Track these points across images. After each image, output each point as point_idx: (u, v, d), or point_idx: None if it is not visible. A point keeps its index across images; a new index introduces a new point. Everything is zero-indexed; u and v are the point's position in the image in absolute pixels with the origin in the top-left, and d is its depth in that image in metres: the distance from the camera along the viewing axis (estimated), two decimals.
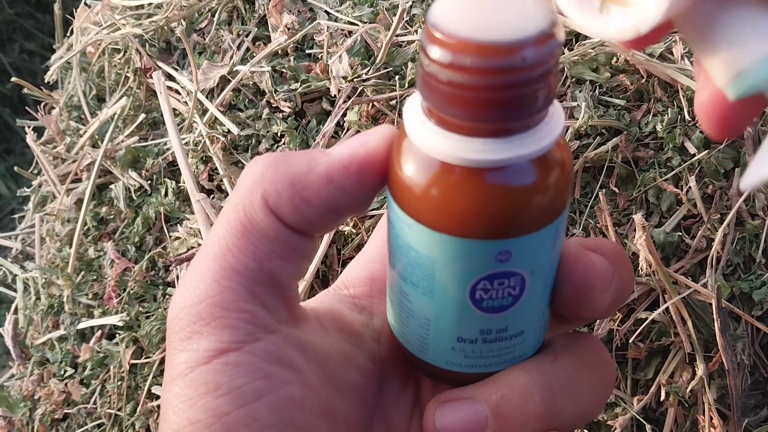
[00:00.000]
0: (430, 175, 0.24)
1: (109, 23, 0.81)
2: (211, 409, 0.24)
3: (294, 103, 0.64)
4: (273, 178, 0.26)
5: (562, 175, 0.25)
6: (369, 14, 0.67)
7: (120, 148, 0.74)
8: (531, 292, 0.26)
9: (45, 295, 0.76)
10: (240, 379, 0.25)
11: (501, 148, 0.23)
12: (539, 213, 0.25)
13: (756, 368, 0.56)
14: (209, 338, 0.25)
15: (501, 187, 0.24)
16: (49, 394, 0.70)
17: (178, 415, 0.25)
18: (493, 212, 0.24)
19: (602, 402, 0.29)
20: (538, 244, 0.25)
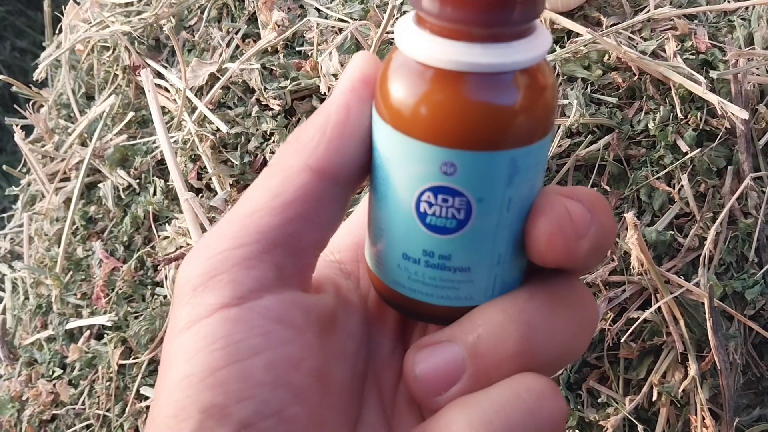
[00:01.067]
0: (400, 72, 0.25)
1: (98, 21, 0.80)
2: (207, 362, 0.24)
3: (284, 101, 0.64)
4: (306, 136, 0.27)
5: (530, 102, 0.24)
6: (359, 11, 0.66)
7: (109, 147, 0.73)
8: (479, 225, 0.26)
9: (33, 295, 0.76)
10: (238, 335, 0.25)
11: (470, 52, 0.23)
12: (491, 131, 0.24)
13: (748, 368, 0.55)
14: (213, 293, 0.25)
15: (459, 92, 0.24)
16: (37, 395, 0.69)
17: (174, 370, 0.25)
18: (441, 114, 0.24)
19: (583, 340, 0.28)
20: (487, 168, 0.24)
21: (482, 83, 0.24)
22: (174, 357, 0.25)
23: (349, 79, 0.27)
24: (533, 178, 0.26)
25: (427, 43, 0.24)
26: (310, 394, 0.26)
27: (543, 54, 0.24)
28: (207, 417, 0.24)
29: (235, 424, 0.24)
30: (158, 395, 0.26)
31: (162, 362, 0.26)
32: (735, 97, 0.56)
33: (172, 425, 0.24)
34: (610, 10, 0.62)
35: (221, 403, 0.24)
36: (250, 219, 0.26)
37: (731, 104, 0.54)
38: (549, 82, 0.25)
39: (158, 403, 0.25)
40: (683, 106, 0.56)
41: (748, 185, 0.54)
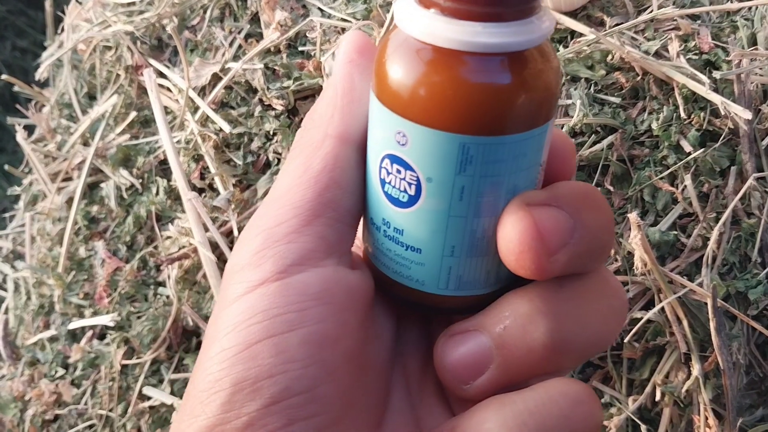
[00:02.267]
0: (388, 43, 0.25)
1: (101, 20, 0.80)
2: (243, 336, 0.25)
3: (287, 101, 0.63)
4: (320, 112, 0.28)
5: (489, 92, 0.23)
6: (362, 11, 0.66)
7: (111, 147, 0.73)
8: (429, 207, 0.25)
9: (36, 295, 0.76)
10: (275, 309, 0.25)
11: (439, 26, 0.23)
12: (439, 108, 0.24)
13: (751, 368, 0.55)
14: (256, 269, 0.26)
15: (420, 60, 0.24)
16: (39, 395, 0.69)
17: (214, 344, 0.25)
18: (399, 83, 0.24)
19: (613, 330, 0.27)
20: (435, 147, 0.24)
21: (447, 58, 0.23)
22: (214, 333, 0.25)
23: (345, 53, 0.28)
24: (500, 176, 0.25)
25: (412, 13, 0.24)
26: (343, 374, 0.26)
27: (522, 41, 0.23)
28: (237, 390, 0.24)
29: (264, 399, 0.24)
30: (195, 371, 0.26)
31: (203, 343, 0.26)
32: (738, 98, 0.56)
33: (203, 399, 0.24)
34: (614, 10, 0.62)
35: (253, 377, 0.24)
36: (285, 197, 0.27)
37: (734, 104, 0.54)
38: (526, 77, 0.24)
39: (194, 378, 0.26)
40: (686, 106, 0.56)
41: (751, 185, 0.54)
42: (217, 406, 0.24)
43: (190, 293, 0.63)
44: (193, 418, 0.24)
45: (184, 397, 0.26)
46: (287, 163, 0.28)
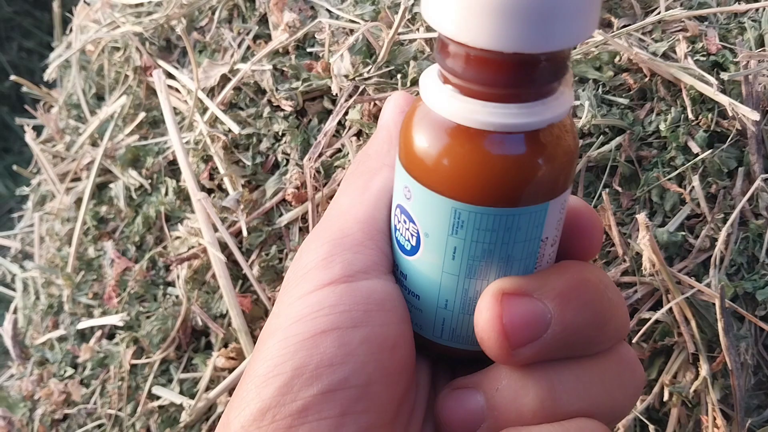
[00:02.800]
0: (414, 107, 0.27)
1: (109, 21, 0.81)
2: (308, 326, 0.26)
3: (295, 102, 0.64)
4: (375, 149, 0.32)
5: (472, 165, 0.24)
6: (371, 12, 0.66)
7: (120, 147, 0.73)
8: (426, 260, 0.27)
9: (44, 295, 0.76)
10: (342, 306, 0.26)
11: (454, 104, 0.24)
12: (431, 172, 0.25)
13: (759, 368, 0.55)
14: (325, 271, 0.27)
15: (426, 127, 0.25)
16: (48, 394, 0.69)
17: (277, 333, 0.26)
18: (409, 141, 0.26)
19: (622, 404, 0.27)
20: (431, 206, 0.25)
21: (447, 129, 0.25)
22: (276, 326, 0.26)
23: (396, 104, 0.32)
24: (491, 244, 0.25)
25: (433, 87, 0.25)
26: (396, 380, 0.27)
27: (523, 123, 0.24)
28: (297, 375, 0.25)
29: (322, 385, 0.25)
30: (253, 360, 0.26)
31: (260, 338, 0.27)
32: (746, 99, 0.56)
33: (259, 383, 0.25)
34: (621, 11, 0.62)
35: (315, 364, 0.25)
36: (349, 213, 0.29)
37: (742, 105, 0.54)
38: (523, 157, 0.24)
39: (251, 367, 0.26)
40: (694, 107, 0.56)
41: (759, 186, 0.55)
42: (274, 389, 0.25)
43: (199, 293, 0.63)
44: (247, 402, 0.25)
45: (237, 388, 0.27)
46: (345, 186, 0.30)
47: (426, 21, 0.24)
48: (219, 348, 0.61)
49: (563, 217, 0.27)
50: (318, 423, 0.24)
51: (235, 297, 0.59)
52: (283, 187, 0.62)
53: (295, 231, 0.62)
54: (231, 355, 0.60)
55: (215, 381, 0.60)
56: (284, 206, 0.62)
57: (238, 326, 0.59)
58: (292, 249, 0.61)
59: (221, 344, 0.62)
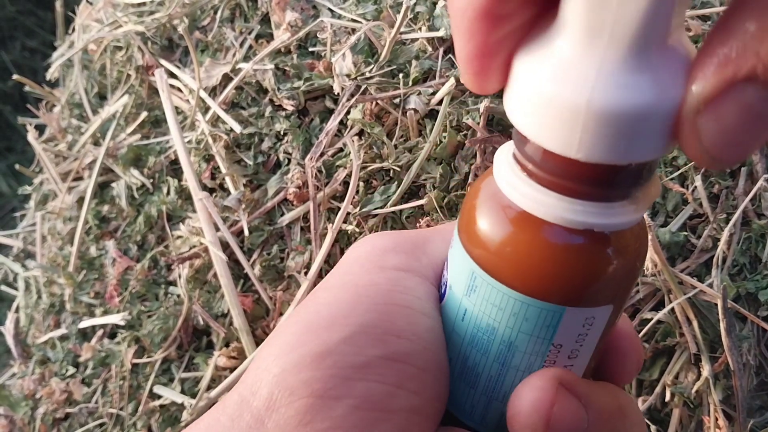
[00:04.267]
0: (481, 180, 0.26)
1: (111, 21, 0.81)
2: (384, 292, 0.26)
3: (297, 101, 0.64)
4: None
5: (512, 253, 0.23)
6: (372, 11, 0.66)
7: (122, 146, 0.73)
8: (446, 310, 0.27)
9: (46, 294, 0.76)
10: (417, 292, 0.27)
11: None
12: (466, 227, 0.25)
13: (762, 369, 0.55)
14: (403, 257, 0.28)
15: (490, 199, 0.24)
16: (50, 393, 0.69)
17: (350, 285, 0.27)
18: (468, 198, 0.25)
19: None
20: (458, 259, 0.25)
21: (504, 206, 0.24)
22: (344, 281, 0.27)
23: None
24: (497, 322, 0.25)
25: (503, 177, 0.24)
26: (445, 378, 0.27)
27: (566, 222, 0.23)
28: (365, 332, 0.25)
29: (387, 351, 0.25)
30: (312, 302, 0.26)
31: (319, 287, 0.28)
32: None
33: (323, 326, 0.25)
34: None
35: (384, 328, 0.25)
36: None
37: None
38: (548, 250, 0.23)
39: (305, 310, 0.26)
40: None
41: (762, 186, 0.54)
42: (340, 337, 0.25)
43: (201, 292, 0.63)
44: (302, 343, 0.25)
45: (281, 328, 0.26)
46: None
47: (508, 116, 0.22)
48: (220, 347, 0.61)
49: (594, 336, 0.25)
50: (376, 385, 0.24)
51: (236, 296, 0.59)
52: (284, 186, 0.62)
53: (297, 230, 0.62)
54: (232, 355, 0.60)
55: (216, 380, 0.60)
56: (286, 206, 0.62)
57: (240, 326, 0.58)
58: (294, 248, 0.61)
59: (222, 344, 0.61)
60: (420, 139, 0.59)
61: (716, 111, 0.18)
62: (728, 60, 0.18)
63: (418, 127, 0.59)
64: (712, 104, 0.18)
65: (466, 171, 0.57)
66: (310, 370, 0.24)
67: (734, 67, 0.18)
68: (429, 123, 0.59)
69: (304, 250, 0.60)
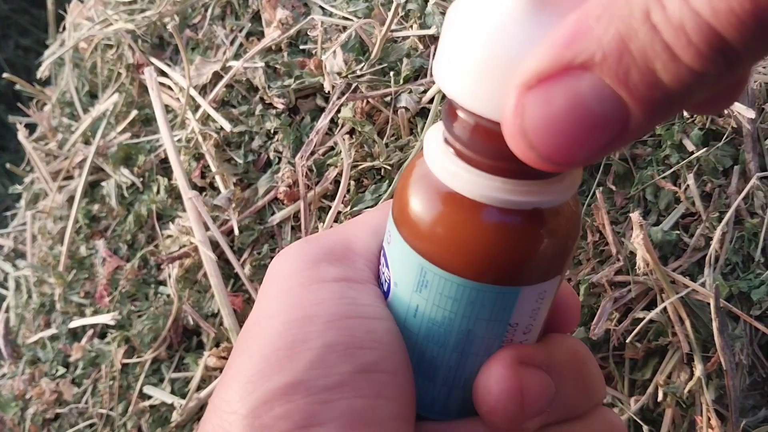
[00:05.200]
0: (415, 160, 0.26)
1: (102, 19, 0.80)
2: (333, 308, 0.25)
3: (288, 100, 0.63)
4: None
5: (449, 232, 0.23)
6: (364, 9, 0.66)
7: (112, 145, 0.73)
8: (394, 307, 0.26)
9: (36, 294, 0.76)
10: (363, 299, 0.26)
11: (445, 166, 0.23)
12: (409, 226, 0.24)
13: (754, 368, 0.55)
14: (335, 268, 0.27)
15: (415, 180, 0.24)
16: (40, 394, 0.69)
17: (290, 312, 0.25)
18: (400, 188, 0.25)
19: None
20: (403, 257, 0.25)
21: (439, 191, 0.24)
22: (287, 304, 0.25)
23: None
24: (453, 313, 0.24)
25: (432, 147, 0.24)
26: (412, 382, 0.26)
27: (513, 201, 0.23)
28: (330, 351, 0.24)
29: (357, 364, 0.24)
30: (262, 334, 0.25)
31: (255, 320, 0.26)
32: (741, 97, 0.55)
33: (284, 356, 0.24)
34: None
35: (346, 343, 0.24)
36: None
37: (738, 103, 0.53)
38: (499, 234, 0.23)
39: (255, 343, 0.25)
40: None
41: (755, 185, 0.54)
42: (306, 363, 0.24)
43: (191, 292, 0.62)
44: (267, 377, 0.23)
45: (232, 370, 0.25)
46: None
47: (437, 82, 0.22)
48: (210, 347, 0.61)
49: (545, 307, 0.25)
50: (356, 400, 0.23)
51: (226, 296, 0.58)
52: (275, 185, 0.62)
53: (288, 230, 0.61)
54: (222, 355, 0.59)
55: (206, 380, 0.60)
56: (276, 205, 0.62)
57: (230, 325, 0.58)
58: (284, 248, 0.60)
59: (213, 344, 0.61)
60: (411, 138, 0.59)
61: (546, 92, 0.17)
62: (574, 39, 0.17)
63: (409, 126, 0.59)
64: (544, 83, 0.17)
65: None
66: (283, 403, 0.23)
67: (576, 49, 0.17)
68: (420, 121, 0.58)
69: None
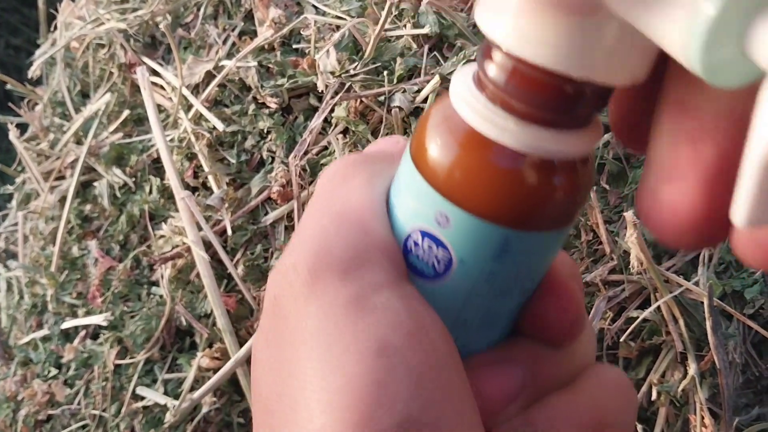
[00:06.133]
0: (441, 119, 0.24)
1: (94, 18, 0.80)
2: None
3: (281, 99, 0.63)
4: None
5: (545, 192, 0.23)
6: (357, 8, 0.66)
7: (104, 145, 0.73)
8: (453, 285, 0.25)
9: (28, 294, 0.75)
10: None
11: (510, 127, 0.22)
12: (490, 202, 0.23)
13: (748, 367, 0.55)
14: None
15: (480, 153, 0.23)
16: (32, 395, 0.69)
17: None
18: (451, 164, 0.23)
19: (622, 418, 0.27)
20: (478, 235, 0.24)
21: (508, 156, 0.23)
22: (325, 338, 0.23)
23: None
24: (528, 263, 0.25)
25: (477, 105, 0.23)
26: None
27: (583, 150, 0.23)
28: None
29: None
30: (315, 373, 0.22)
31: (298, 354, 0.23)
32: None
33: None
34: None
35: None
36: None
37: None
38: (575, 183, 0.24)
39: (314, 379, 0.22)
40: None
41: None
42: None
43: (184, 293, 0.62)
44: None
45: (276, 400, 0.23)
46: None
47: (478, 24, 0.21)
48: (203, 348, 0.61)
49: (556, 253, 0.27)
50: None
51: (219, 296, 0.58)
52: (268, 185, 0.61)
53: (281, 229, 0.61)
54: (215, 356, 0.59)
55: (200, 381, 0.60)
56: (270, 204, 0.62)
57: (223, 326, 0.58)
58: (278, 248, 0.60)
59: (206, 344, 0.61)
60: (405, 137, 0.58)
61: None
62: None
63: (402, 125, 0.59)
64: None
65: None
66: None
67: None
68: (414, 121, 0.58)
69: None
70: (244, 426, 0.60)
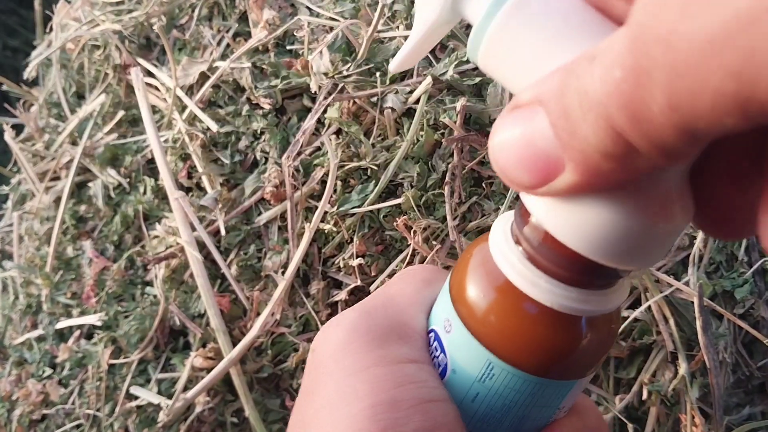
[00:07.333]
0: (475, 251, 0.27)
1: (89, 19, 0.80)
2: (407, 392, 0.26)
3: (274, 100, 0.63)
4: None
5: (516, 335, 0.25)
6: (350, 10, 0.66)
7: (99, 146, 0.73)
8: (450, 391, 0.27)
9: (23, 295, 0.75)
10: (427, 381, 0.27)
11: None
12: (477, 323, 0.25)
13: (738, 366, 0.55)
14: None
15: (489, 276, 0.25)
16: (27, 395, 0.69)
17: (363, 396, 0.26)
18: (463, 278, 0.26)
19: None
20: (466, 348, 0.26)
21: (510, 290, 0.25)
22: (370, 385, 0.25)
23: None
24: (514, 402, 0.26)
25: (512, 258, 0.25)
26: None
27: (606, 309, 0.24)
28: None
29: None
30: (348, 418, 0.25)
31: (335, 394, 0.26)
32: None
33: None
34: None
35: (428, 428, 0.25)
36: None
37: None
38: (592, 339, 0.25)
39: (350, 424, 0.25)
40: None
41: None
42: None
43: (177, 293, 0.62)
44: None
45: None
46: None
47: (526, 206, 0.23)
48: (197, 348, 0.61)
49: (581, 391, 0.28)
50: None
51: (213, 297, 0.58)
52: (261, 185, 0.62)
53: (274, 230, 0.61)
54: (209, 355, 0.59)
55: (193, 381, 0.60)
56: (263, 205, 0.62)
57: (216, 326, 0.58)
58: (271, 248, 0.60)
59: (199, 344, 0.61)
60: (397, 138, 0.59)
61: (513, 117, 0.20)
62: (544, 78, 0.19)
63: (395, 126, 0.59)
64: (515, 109, 0.20)
65: (443, 170, 0.57)
66: None
67: (541, 86, 0.19)
68: (406, 122, 0.59)
69: (282, 249, 0.60)
70: (237, 425, 0.60)
